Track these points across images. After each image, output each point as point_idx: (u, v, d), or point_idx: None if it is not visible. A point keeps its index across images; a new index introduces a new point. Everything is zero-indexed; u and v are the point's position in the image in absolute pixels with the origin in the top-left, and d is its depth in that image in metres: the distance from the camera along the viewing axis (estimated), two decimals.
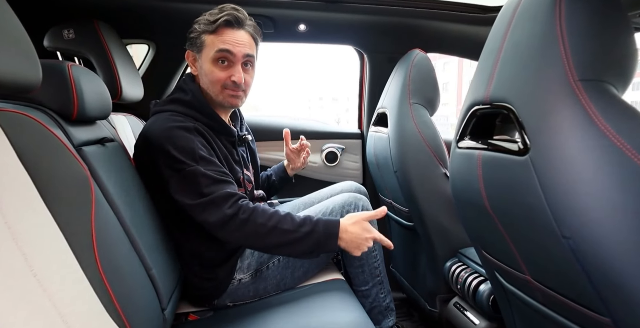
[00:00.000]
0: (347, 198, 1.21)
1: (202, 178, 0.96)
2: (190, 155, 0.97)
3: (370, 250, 1.22)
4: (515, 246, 0.70)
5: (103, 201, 0.77)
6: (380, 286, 1.25)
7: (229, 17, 1.04)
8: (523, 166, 0.59)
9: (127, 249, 0.81)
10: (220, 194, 0.96)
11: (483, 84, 0.71)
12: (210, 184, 0.96)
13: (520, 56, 0.62)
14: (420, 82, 1.35)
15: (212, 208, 0.95)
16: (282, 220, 0.97)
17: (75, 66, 0.82)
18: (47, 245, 0.62)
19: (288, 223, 0.97)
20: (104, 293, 0.68)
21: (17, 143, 0.62)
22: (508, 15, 0.68)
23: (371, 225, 1.08)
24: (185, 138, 0.98)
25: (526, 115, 0.59)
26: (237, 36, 1.05)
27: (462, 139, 0.80)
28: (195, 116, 1.06)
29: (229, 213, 0.95)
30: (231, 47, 1.04)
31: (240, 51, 1.05)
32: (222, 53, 1.04)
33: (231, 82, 1.06)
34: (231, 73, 1.06)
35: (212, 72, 1.06)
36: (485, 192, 0.71)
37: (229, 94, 1.08)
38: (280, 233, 0.96)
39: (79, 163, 0.70)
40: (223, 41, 1.04)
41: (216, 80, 1.06)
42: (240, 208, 0.96)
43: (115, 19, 1.29)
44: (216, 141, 1.08)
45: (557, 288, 0.64)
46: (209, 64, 1.06)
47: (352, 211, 1.17)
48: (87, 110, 0.83)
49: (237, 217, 0.95)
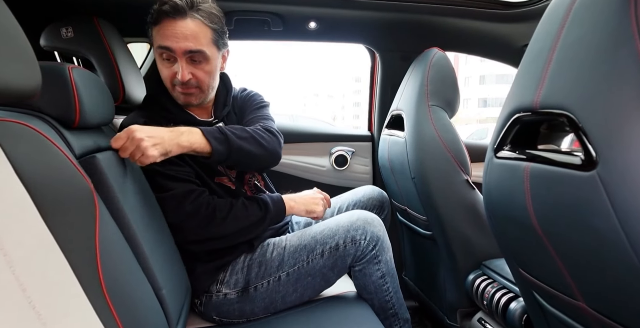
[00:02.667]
0: (355, 221, 1.07)
1: (161, 178, 0.95)
2: None
3: (379, 284, 1.10)
4: (569, 271, 0.63)
5: (108, 218, 0.70)
6: (393, 318, 1.15)
7: (167, 7, 0.92)
8: (588, 183, 0.52)
9: (135, 269, 0.75)
10: (180, 192, 0.95)
11: (530, 88, 0.64)
12: (171, 181, 0.96)
13: (582, 58, 0.54)
14: (439, 83, 1.28)
15: (174, 202, 0.95)
16: (239, 209, 1.01)
17: (77, 69, 0.75)
18: (46, 268, 0.56)
19: (244, 214, 1.01)
20: (110, 320, 0.61)
21: (13, 156, 0.55)
22: (562, 11, 0.61)
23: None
24: None
25: (592, 125, 0.52)
26: (177, 28, 0.93)
27: (501, 149, 0.73)
28: (152, 111, 1.05)
29: (191, 212, 0.95)
30: (170, 43, 0.94)
31: (181, 47, 0.94)
32: (161, 50, 0.96)
33: (178, 79, 0.99)
34: (175, 70, 0.98)
35: (160, 69, 1.01)
36: (533, 209, 0.64)
37: (179, 92, 1.02)
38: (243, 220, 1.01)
39: (81, 175, 0.63)
40: (163, 35, 0.94)
41: (164, 78, 1.02)
42: (200, 205, 0.96)
43: (116, 16, 1.21)
44: None
45: (622, 321, 0.57)
46: (157, 60, 1.00)
47: (359, 238, 1.05)
48: (90, 116, 0.76)
49: (198, 214, 0.96)
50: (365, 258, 1.06)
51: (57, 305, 0.54)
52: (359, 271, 1.09)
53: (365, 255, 1.06)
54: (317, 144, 1.78)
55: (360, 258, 1.06)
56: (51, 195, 0.59)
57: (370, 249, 1.06)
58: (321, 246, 1.05)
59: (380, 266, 1.08)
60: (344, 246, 1.05)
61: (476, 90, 34.72)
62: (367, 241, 1.05)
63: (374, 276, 1.08)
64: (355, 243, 1.05)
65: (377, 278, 1.08)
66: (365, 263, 1.07)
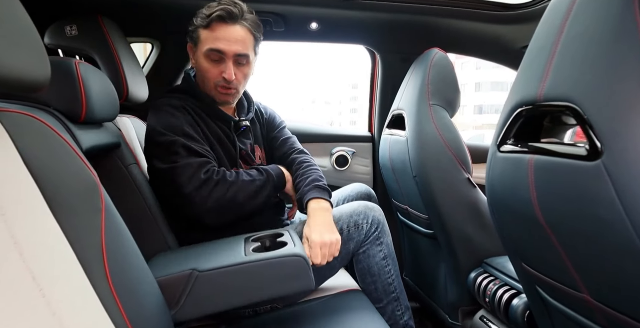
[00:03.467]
0: (356, 207, 1.15)
1: (181, 148, 0.98)
2: (173, 130, 0.99)
3: (382, 266, 1.15)
4: (573, 263, 0.63)
5: (113, 210, 0.70)
6: (396, 302, 1.18)
7: (222, 12, 1.01)
8: (593, 173, 0.52)
9: (139, 261, 0.75)
10: (197, 161, 0.99)
11: (534, 82, 0.65)
12: (190, 155, 0.99)
13: (587, 49, 0.55)
14: (440, 83, 1.30)
15: (188, 172, 0.98)
16: (243, 175, 1.05)
17: (83, 64, 0.75)
18: (54, 258, 0.56)
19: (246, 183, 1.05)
20: (115, 310, 0.61)
21: (21, 147, 0.56)
22: (565, 4, 0.62)
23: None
24: (171, 114, 1.02)
25: (596, 115, 0.52)
26: (230, 32, 1.02)
27: (504, 143, 0.74)
28: (187, 100, 1.08)
29: (198, 184, 0.98)
30: (222, 46, 1.03)
31: (232, 50, 1.03)
32: (212, 51, 1.03)
33: (222, 79, 1.06)
34: (222, 70, 1.05)
35: (206, 68, 1.06)
36: (537, 202, 0.65)
37: (220, 92, 1.09)
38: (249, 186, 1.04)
39: (87, 168, 0.64)
40: (215, 37, 1.02)
41: (209, 77, 1.07)
42: (210, 174, 1.00)
43: (120, 16, 1.22)
44: (207, 122, 1.09)
45: (627, 311, 0.57)
46: (202, 60, 1.06)
47: (361, 222, 1.12)
48: (96, 111, 0.77)
49: (211, 180, 0.99)
50: (368, 239, 1.12)
51: (66, 294, 0.54)
52: (362, 254, 1.13)
53: (369, 237, 1.12)
54: (318, 144, 1.79)
55: (364, 240, 1.12)
56: (58, 187, 0.59)
57: (372, 231, 1.12)
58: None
59: (382, 248, 1.14)
60: (348, 231, 1.11)
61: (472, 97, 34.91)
62: (369, 224, 1.12)
63: (377, 257, 1.13)
64: (358, 227, 1.11)
65: (380, 259, 1.14)
66: (369, 244, 1.13)
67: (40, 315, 0.50)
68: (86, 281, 0.59)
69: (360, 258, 1.14)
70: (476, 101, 35.01)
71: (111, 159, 0.95)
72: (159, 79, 1.51)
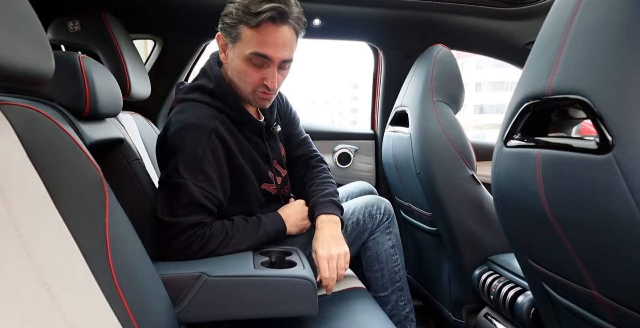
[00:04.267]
0: (369, 200, 1.19)
1: (185, 195, 0.91)
2: (191, 164, 0.92)
3: (390, 254, 1.17)
4: (581, 258, 0.63)
5: (116, 204, 0.70)
6: (400, 293, 1.20)
7: (274, 13, 0.88)
8: (604, 167, 0.52)
9: (143, 256, 0.74)
10: (189, 220, 0.91)
11: (542, 75, 0.64)
12: (187, 205, 0.91)
13: (597, 42, 0.55)
14: (444, 79, 1.29)
15: (174, 231, 0.91)
16: (231, 237, 0.96)
17: (86, 58, 0.75)
18: (58, 252, 0.56)
19: (238, 239, 0.97)
20: (119, 307, 0.61)
21: (26, 140, 0.55)
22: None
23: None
24: (197, 141, 0.93)
25: (607, 107, 0.52)
26: (279, 36, 0.91)
27: (511, 138, 0.73)
28: (219, 107, 0.98)
29: (181, 247, 0.91)
30: (270, 52, 0.92)
31: (279, 56, 0.93)
32: (256, 56, 0.93)
33: (263, 85, 0.97)
34: (264, 76, 0.96)
35: (245, 71, 0.95)
36: (545, 196, 0.64)
37: (259, 96, 1.00)
38: (234, 250, 0.96)
39: (91, 163, 0.63)
40: (263, 41, 0.91)
41: (249, 81, 0.97)
42: (194, 240, 0.92)
43: (122, 12, 1.22)
44: (237, 138, 1.01)
45: (637, 307, 0.56)
46: (241, 61, 0.95)
47: (374, 213, 1.16)
48: (99, 106, 0.76)
49: (190, 249, 0.92)
50: (379, 227, 1.16)
51: (70, 288, 0.54)
52: (372, 241, 1.17)
53: (380, 225, 1.16)
54: (321, 142, 1.78)
55: (375, 229, 1.16)
56: (62, 181, 0.58)
57: (384, 220, 1.16)
58: (345, 223, 1.13)
59: (391, 237, 1.18)
60: (363, 220, 1.15)
61: (473, 97, 34.92)
62: (381, 214, 1.16)
63: (386, 245, 1.17)
64: (372, 217, 1.16)
65: (389, 248, 1.17)
66: (379, 232, 1.16)
67: (45, 310, 0.50)
68: (90, 275, 0.58)
69: (370, 245, 1.17)
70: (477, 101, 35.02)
71: (114, 155, 0.95)
72: (161, 76, 1.51)
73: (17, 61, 0.47)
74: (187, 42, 1.48)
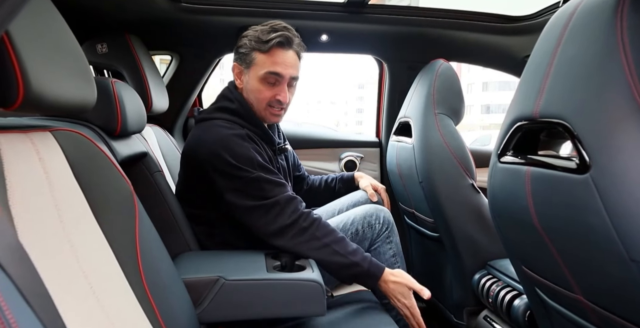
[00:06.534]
0: (368, 209, 1.23)
1: (265, 183, 1.00)
2: (250, 163, 1.01)
3: (392, 262, 1.22)
4: (567, 266, 0.69)
5: (145, 215, 0.77)
6: None
7: (282, 39, 1.06)
8: (582, 185, 0.58)
9: (167, 261, 0.82)
10: (283, 196, 1.01)
11: (530, 99, 0.71)
12: (274, 188, 1.01)
13: (577, 72, 0.61)
14: (445, 92, 1.35)
15: (276, 211, 0.99)
16: (336, 240, 1.01)
17: (118, 82, 0.83)
18: (99, 259, 0.63)
19: (341, 247, 1.01)
20: (148, 307, 0.68)
21: (71, 160, 0.63)
22: (558, 29, 0.67)
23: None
24: (242, 146, 1.03)
25: (585, 133, 0.58)
26: (287, 58, 1.08)
27: (504, 154, 0.80)
28: (242, 124, 1.10)
29: (290, 221, 0.99)
30: (281, 70, 1.07)
31: (289, 73, 1.09)
32: (270, 74, 1.07)
33: (276, 100, 1.10)
34: (277, 92, 1.10)
35: (259, 90, 1.10)
36: (534, 209, 0.71)
37: (271, 113, 1.13)
38: (330, 252, 1.00)
39: (123, 177, 0.71)
40: (274, 62, 1.07)
41: (262, 98, 1.10)
42: (301, 215, 1.00)
43: (144, 32, 1.30)
44: (264, 148, 1.12)
45: (616, 311, 0.63)
46: (256, 82, 1.09)
47: (374, 223, 1.20)
48: (129, 125, 0.84)
49: (297, 224, 0.99)
50: (379, 237, 1.21)
51: (109, 291, 0.61)
52: (373, 251, 1.21)
53: (380, 235, 1.21)
54: (327, 150, 1.85)
55: (375, 239, 1.21)
56: (100, 194, 0.66)
57: (383, 230, 1.21)
58: (343, 234, 1.14)
59: (392, 246, 1.23)
60: (363, 231, 1.20)
61: (479, 97, 34.71)
62: (381, 224, 1.21)
63: (387, 255, 1.22)
64: (372, 227, 1.20)
65: (390, 257, 1.22)
66: (380, 242, 1.21)
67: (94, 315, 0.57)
68: (124, 279, 0.65)
69: (372, 255, 1.17)
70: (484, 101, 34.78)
71: (138, 167, 1.02)
72: (177, 88, 1.59)
73: (69, 94, 0.55)
74: (202, 57, 1.56)
